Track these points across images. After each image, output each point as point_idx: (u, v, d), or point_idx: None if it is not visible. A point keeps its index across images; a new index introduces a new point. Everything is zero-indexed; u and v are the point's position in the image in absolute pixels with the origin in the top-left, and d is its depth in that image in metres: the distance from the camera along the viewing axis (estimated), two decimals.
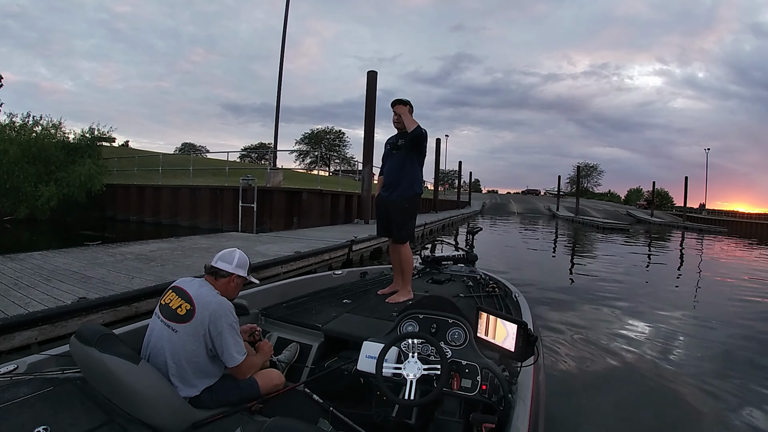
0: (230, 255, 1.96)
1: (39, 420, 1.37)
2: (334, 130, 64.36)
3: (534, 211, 47.51)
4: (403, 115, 3.23)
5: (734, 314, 6.22)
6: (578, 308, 6.07)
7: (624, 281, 8.67)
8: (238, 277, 1.95)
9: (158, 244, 7.09)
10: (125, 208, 17.87)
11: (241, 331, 2.10)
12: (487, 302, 3.04)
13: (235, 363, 1.80)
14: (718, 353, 4.48)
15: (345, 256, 7.66)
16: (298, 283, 3.43)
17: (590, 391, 3.46)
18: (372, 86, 12.96)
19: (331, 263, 7.02)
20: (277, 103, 15.22)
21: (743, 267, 12.89)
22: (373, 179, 12.34)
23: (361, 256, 8.40)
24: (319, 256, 6.70)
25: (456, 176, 49.46)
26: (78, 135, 18.46)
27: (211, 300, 1.79)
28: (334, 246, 7.36)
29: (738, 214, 43.59)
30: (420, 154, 3.37)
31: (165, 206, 16.17)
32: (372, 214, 14.36)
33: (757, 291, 8.44)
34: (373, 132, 13.16)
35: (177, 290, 1.84)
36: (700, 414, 3.16)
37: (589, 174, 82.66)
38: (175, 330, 1.74)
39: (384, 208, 3.43)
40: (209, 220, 14.14)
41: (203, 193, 14.67)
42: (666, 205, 66.47)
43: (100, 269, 4.96)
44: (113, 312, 3.79)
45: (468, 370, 1.73)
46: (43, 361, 1.82)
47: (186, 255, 6.04)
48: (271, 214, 12.63)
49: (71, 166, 16.58)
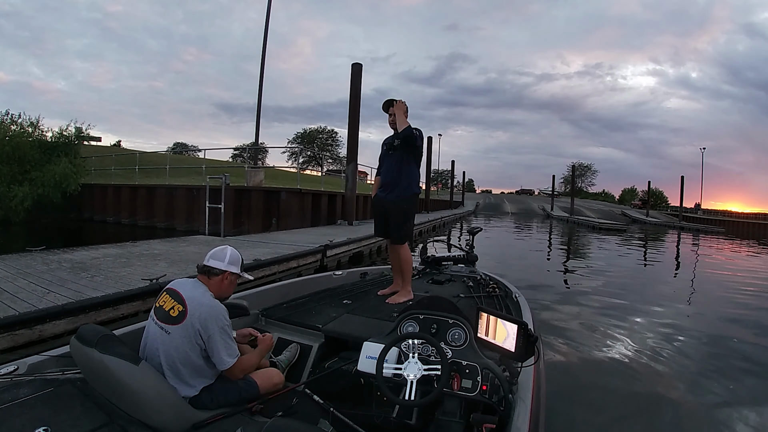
0: (222, 252, 1.95)
1: (39, 421, 1.36)
2: (327, 130, 63.55)
3: (528, 211, 46.99)
4: (397, 115, 3.27)
5: (745, 321, 5.92)
6: (578, 309, 6.03)
7: (624, 282, 8.61)
8: (231, 274, 1.95)
9: (107, 249, 6.37)
10: (102, 208, 17.11)
11: (240, 335, 2.15)
12: (487, 302, 3.04)
13: (225, 366, 1.79)
14: (720, 353, 4.46)
15: (318, 262, 6.93)
16: (298, 284, 3.43)
17: (591, 391, 3.46)
18: (357, 80, 12.23)
19: (301, 271, 6.32)
20: (259, 102, 14.47)
21: (754, 271, 12.31)
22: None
23: (337, 261, 7.67)
24: (284, 264, 5.97)
25: (449, 176, 48.87)
26: (56, 133, 17.85)
27: (203, 302, 1.78)
28: (304, 252, 6.61)
29: (733, 213, 43.23)
30: (416, 154, 3.36)
31: (142, 207, 15.43)
32: (357, 215, 13.70)
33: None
34: (357, 128, 12.44)
35: (171, 292, 1.83)
36: (700, 413, 3.17)
37: (583, 174, 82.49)
38: (168, 332, 1.74)
39: (382, 209, 3.42)
40: (186, 221, 13.36)
41: (180, 193, 13.88)
42: (661, 204, 66.28)
43: (23, 280, 4.30)
44: (11, 337, 3.15)
45: (468, 370, 1.73)
46: (44, 362, 1.82)
47: (128, 264, 5.33)
48: (249, 215, 11.90)
49: (47, 166, 15.92)
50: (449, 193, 43.75)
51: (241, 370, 1.86)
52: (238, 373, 1.85)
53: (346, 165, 12.67)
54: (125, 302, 3.94)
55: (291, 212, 11.67)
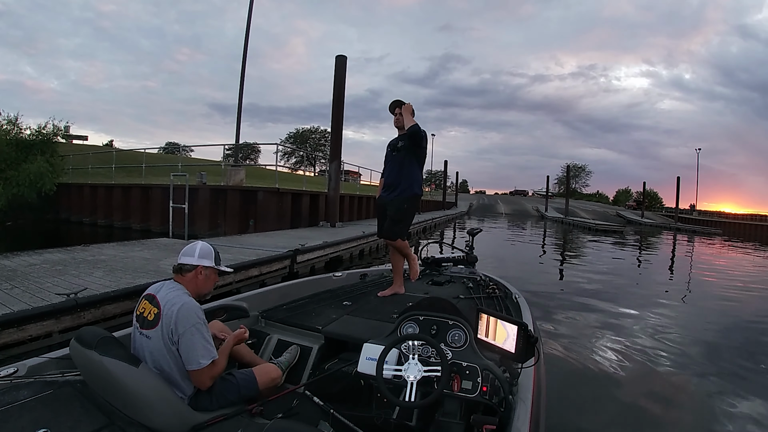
0: (191, 248, 1.90)
1: (39, 423, 1.36)
2: (320, 130, 62.93)
3: (522, 212, 46.50)
4: (404, 114, 3.30)
5: (752, 328, 5.74)
6: (579, 309, 6.02)
7: (625, 284, 8.66)
8: (205, 268, 1.88)
9: (51, 254, 5.71)
10: (79, 209, 16.40)
11: (233, 336, 2.04)
12: (487, 303, 3.03)
13: (196, 366, 1.67)
14: (721, 353, 4.46)
15: (286, 269, 6.27)
16: (298, 285, 3.41)
17: (591, 392, 3.45)
18: (341, 72, 11.63)
19: (265, 280, 5.68)
20: (240, 101, 13.80)
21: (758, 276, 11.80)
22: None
23: (311, 268, 7.03)
24: (244, 273, 5.34)
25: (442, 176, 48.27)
26: (33, 131, 17.18)
27: (176, 301, 1.71)
28: (269, 258, 5.95)
29: (729, 215, 42.94)
30: (420, 155, 3.41)
31: (117, 207, 14.75)
32: (342, 217, 13.09)
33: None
34: (341, 125, 11.82)
35: (148, 297, 1.79)
36: (699, 412, 3.18)
37: (577, 175, 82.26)
38: (149, 336, 1.70)
39: (383, 209, 3.47)
40: (160, 223, 12.64)
41: (155, 193, 13.17)
42: (656, 206, 66.08)
43: None
44: None
45: (468, 371, 1.71)
46: (43, 364, 1.80)
47: (62, 272, 4.68)
48: (226, 216, 11.23)
49: (23, 165, 15.27)
50: (442, 193, 43.17)
51: (211, 377, 1.73)
52: (206, 380, 1.71)
53: (329, 163, 12.00)
54: (33, 321, 3.31)
55: (268, 213, 10.99)
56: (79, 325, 3.60)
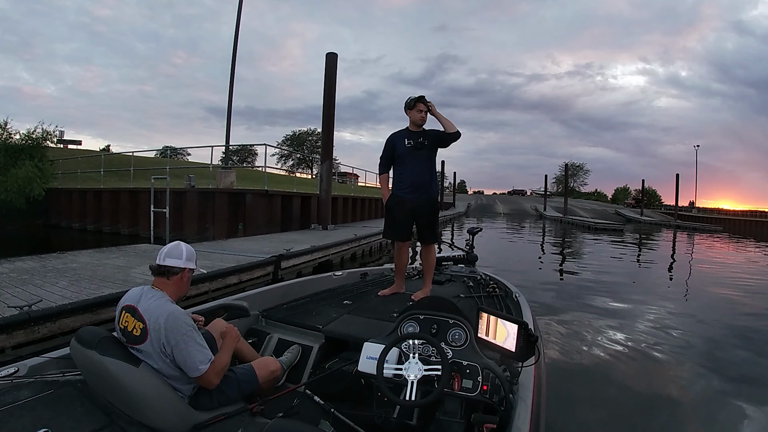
0: (177, 249, 1.84)
1: (40, 423, 1.37)
2: (317, 132, 62.59)
3: (520, 212, 46.15)
4: (439, 116, 3.26)
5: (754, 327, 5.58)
6: (579, 308, 5.99)
7: (625, 282, 8.62)
8: (189, 270, 1.86)
9: (23, 262, 5.42)
10: (68, 214, 16.12)
11: (223, 334, 1.99)
12: (487, 302, 3.03)
13: (198, 373, 1.66)
14: (722, 352, 4.43)
15: (269, 275, 5.97)
16: (298, 285, 3.40)
17: (591, 391, 3.44)
18: (331, 70, 11.32)
19: (245, 288, 5.38)
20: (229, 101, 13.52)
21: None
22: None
23: (297, 273, 6.74)
24: (221, 281, 5.04)
25: (440, 176, 47.98)
26: (23, 135, 16.93)
27: (160, 312, 1.65)
28: (250, 264, 5.64)
29: (728, 212, 42.71)
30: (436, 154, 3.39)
31: (106, 212, 14.44)
32: (335, 219, 12.80)
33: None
34: (332, 123, 11.52)
35: (129, 309, 1.70)
36: (699, 411, 3.17)
37: (576, 173, 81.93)
38: (140, 350, 1.64)
39: (409, 210, 3.29)
40: (149, 227, 12.34)
41: (143, 197, 12.86)
42: (654, 203, 65.79)
43: None
44: None
45: (469, 370, 1.71)
46: (44, 364, 1.80)
47: (27, 282, 4.38)
48: (214, 219, 10.92)
49: (11, 170, 15.02)
50: (440, 194, 42.87)
51: (216, 374, 1.72)
52: (213, 379, 1.71)
53: (320, 163, 11.71)
54: None
55: (257, 216, 10.68)
56: (33, 340, 3.32)
